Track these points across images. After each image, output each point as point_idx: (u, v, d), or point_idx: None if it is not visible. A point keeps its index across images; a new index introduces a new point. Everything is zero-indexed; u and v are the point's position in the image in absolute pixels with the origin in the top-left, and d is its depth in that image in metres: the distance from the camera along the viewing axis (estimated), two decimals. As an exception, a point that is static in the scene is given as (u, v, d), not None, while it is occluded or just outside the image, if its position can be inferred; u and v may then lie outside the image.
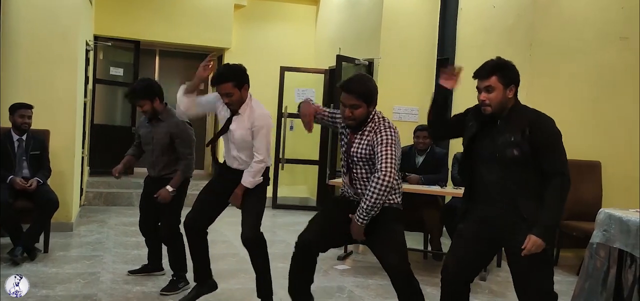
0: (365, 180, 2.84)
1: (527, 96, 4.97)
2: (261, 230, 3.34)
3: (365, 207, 2.70)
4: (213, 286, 3.57)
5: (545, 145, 2.46)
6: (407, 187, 4.68)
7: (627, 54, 5.09)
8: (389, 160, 2.69)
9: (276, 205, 7.66)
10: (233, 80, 3.14)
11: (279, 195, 7.71)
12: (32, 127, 4.64)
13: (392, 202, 2.84)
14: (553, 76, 5.05)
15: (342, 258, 4.89)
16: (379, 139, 2.74)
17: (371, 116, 2.80)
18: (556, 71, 5.07)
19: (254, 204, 3.28)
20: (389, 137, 2.73)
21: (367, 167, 2.82)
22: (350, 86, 2.74)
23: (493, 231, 2.58)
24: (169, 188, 3.69)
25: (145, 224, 4.02)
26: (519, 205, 2.49)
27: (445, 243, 5.17)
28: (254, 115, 3.21)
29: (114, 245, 4.99)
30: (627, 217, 3.42)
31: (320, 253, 2.99)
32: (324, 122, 3.08)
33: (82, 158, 6.31)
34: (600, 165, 5.11)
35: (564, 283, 4.45)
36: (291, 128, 7.79)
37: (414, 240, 5.46)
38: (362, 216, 2.73)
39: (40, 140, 4.73)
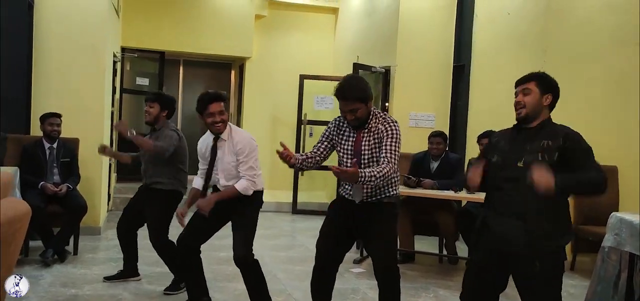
0: None
1: (541, 101, 5.02)
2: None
3: (374, 175, 2.73)
4: None
5: (578, 157, 2.44)
6: (421, 191, 4.77)
7: (643, 58, 5.08)
8: (394, 155, 2.82)
9: (296, 211, 7.80)
10: (226, 101, 3.33)
11: (298, 200, 7.85)
12: (63, 135, 4.88)
13: (390, 195, 2.93)
14: (567, 81, 5.02)
15: (358, 262, 4.99)
16: (389, 133, 2.85)
17: (371, 112, 2.91)
18: (570, 76, 5.08)
19: (245, 224, 3.31)
20: (396, 131, 2.86)
21: (375, 164, 2.88)
22: (346, 94, 2.83)
23: (503, 259, 2.54)
24: (132, 130, 3.76)
25: (122, 224, 4.08)
26: (529, 219, 2.45)
27: (460, 247, 5.23)
28: (235, 141, 3.31)
29: (138, 247, 5.19)
30: (638, 220, 3.45)
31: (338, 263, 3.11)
32: (316, 159, 3.03)
33: (110, 165, 6.56)
34: (616, 169, 5.09)
35: (579, 287, 4.46)
36: (310, 134, 7.93)
37: (429, 245, 5.54)
38: (366, 177, 2.72)
39: (71, 147, 4.97)
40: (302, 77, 7.85)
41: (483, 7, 6.04)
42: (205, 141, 3.48)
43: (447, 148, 5.20)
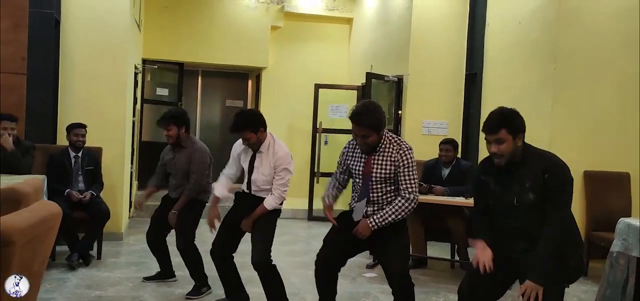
0: (382, 200, 3.04)
1: (551, 109, 5.08)
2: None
3: (385, 218, 2.96)
4: (245, 298, 3.83)
5: (556, 190, 2.54)
6: (433, 198, 4.86)
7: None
8: (415, 185, 2.98)
9: (311, 217, 7.91)
10: (249, 128, 3.48)
11: (314, 207, 7.97)
12: (87, 144, 5.08)
13: None
14: (578, 88, 5.12)
15: (370, 267, 5.09)
16: (405, 162, 2.99)
17: (383, 137, 3.03)
18: (581, 83, 5.13)
19: (264, 229, 3.51)
20: (412, 160, 3.00)
21: (386, 186, 3.03)
22: (360, 120, 2.95)
23: (510, 265, 2.67)
24: (173, 210, 4.03)
25: (150, 234, 4.32)
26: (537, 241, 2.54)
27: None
28: (277, 156, 3.51)
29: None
30: (645, 225, 3.50)
31: (346, 263, 3.25)
32: (342, 185, 3.26)
33: (131, 173, 6.77)
34: (628, 176, 5.12)
35: (590, 293, 4.50)
36: (325, 143, 8.06)
37: (441, 250, 5.61)
38: (378, 222, 2.97)
39: (94, 156, 5.18)
40: (317, 86, 7.98)
41: (494, 16, 6.12)
42: (242, 145, 3.65)
43: (458, 156, 5.29)
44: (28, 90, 5.10)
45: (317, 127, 7.90)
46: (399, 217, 2.97)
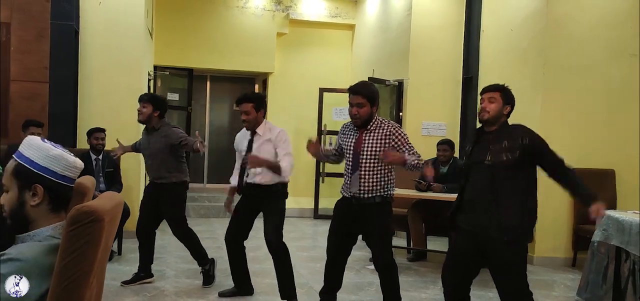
0: (371, 176, 3.35)
1: (541, 111, 5.42)
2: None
3: (412, 161, 3.25)
4: (249, 291, 4.16)
5: (539, 150, 2.90)
6: (431, 195, 5.19)
7: (636, 69, 5.43)
8: (413, 148, 3.32)
9: (317, 216, 8.26)
10: (253, 102, 3.85)
11: (320, 206, 8.31)
12: (106, 148, 5.43)
13: (384, 195, 3.39)
14: (566, 92, 5.44)
15: (373, 260, 5.43)
16: (400, 137, 3.34)
17: (374, 118, 3.37)
18: (568, 87, 5.46)
19: (275, 213, 3.84)
20: (405, 133, 3.37)
21: (374, 163, 3.34)
22: (357, 88, 3.35)
23: (479, 245, 2.92)
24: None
25: (143, 226, 4.42)
26: (502, 213, 2.83)
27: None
28: (274, 133, 3.86)
29: (175, 248, 5.73)
30: (623, 217, 3.84)
31: (349, 257, 3.61)
32: (330, 159, 3.66)
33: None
34: (614, 173, 5.44)
35: (576, 280, 4.81)
36: (330, 144, 8.38)
37: (440, 244, 5.95)
38: (411, 162, 3.23)
39: (113, 159, 5.52)
40: (322, 90, 8.31)
41: (489, 24, 6.45)
42: (242, 135, 4.03)
43: (455, 155, 5.62)
44: (50, 97, 5.44)
45: (322, 129, 8.23)
46: (420, 164, 3.24)
